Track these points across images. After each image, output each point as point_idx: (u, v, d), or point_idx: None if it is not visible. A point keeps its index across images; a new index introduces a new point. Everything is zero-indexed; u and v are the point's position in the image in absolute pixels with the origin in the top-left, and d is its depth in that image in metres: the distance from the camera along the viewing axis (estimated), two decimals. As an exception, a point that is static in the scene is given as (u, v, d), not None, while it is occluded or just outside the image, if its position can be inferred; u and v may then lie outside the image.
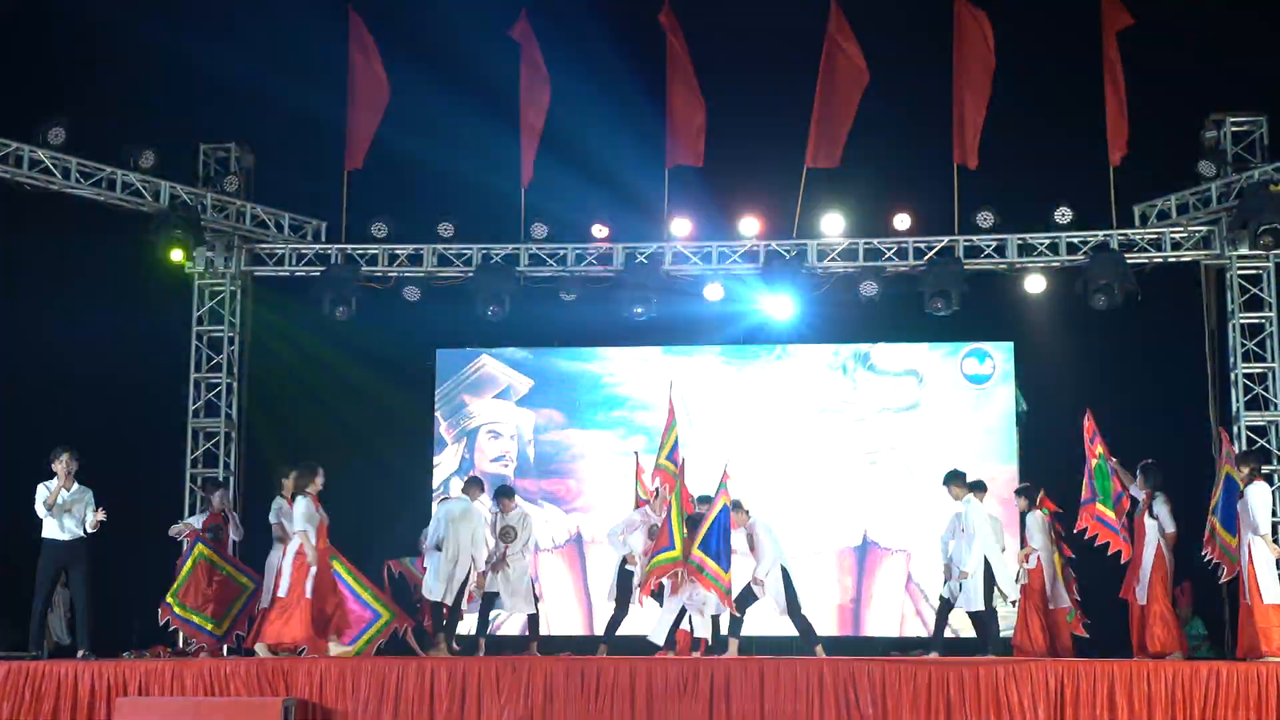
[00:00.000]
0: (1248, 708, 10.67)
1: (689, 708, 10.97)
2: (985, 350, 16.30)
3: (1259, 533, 11.59)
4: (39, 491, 12.05)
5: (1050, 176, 15.56)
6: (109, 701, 11.23)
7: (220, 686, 11.29)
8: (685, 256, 15.84)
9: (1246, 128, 15.08)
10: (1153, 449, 12.73)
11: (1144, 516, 12.25)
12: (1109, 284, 14.91)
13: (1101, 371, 15.65)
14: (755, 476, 15.05)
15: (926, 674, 10.95)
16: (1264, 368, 14.85)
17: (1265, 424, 14.72)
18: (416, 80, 16.51)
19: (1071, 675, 10.88)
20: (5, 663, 11.52)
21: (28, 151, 14.75)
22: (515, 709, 11.08)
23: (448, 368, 16.87)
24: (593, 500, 16.34)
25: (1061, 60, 15.48)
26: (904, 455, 16.15)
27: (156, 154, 15.32)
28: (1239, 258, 14.98)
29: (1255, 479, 11.77)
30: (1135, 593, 12.38)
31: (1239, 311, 14.97)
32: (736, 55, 16.09)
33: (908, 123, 15.78)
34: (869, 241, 15.63)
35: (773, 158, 15.77)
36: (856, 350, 16.48)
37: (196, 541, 13.14)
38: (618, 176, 16.18)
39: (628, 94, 16.07)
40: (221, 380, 15.88)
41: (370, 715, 11.19)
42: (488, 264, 15.81)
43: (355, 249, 16.01)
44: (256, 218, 16.08)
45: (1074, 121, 15.39)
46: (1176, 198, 15.31)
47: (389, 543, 13.61)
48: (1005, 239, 15.48)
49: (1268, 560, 11.60)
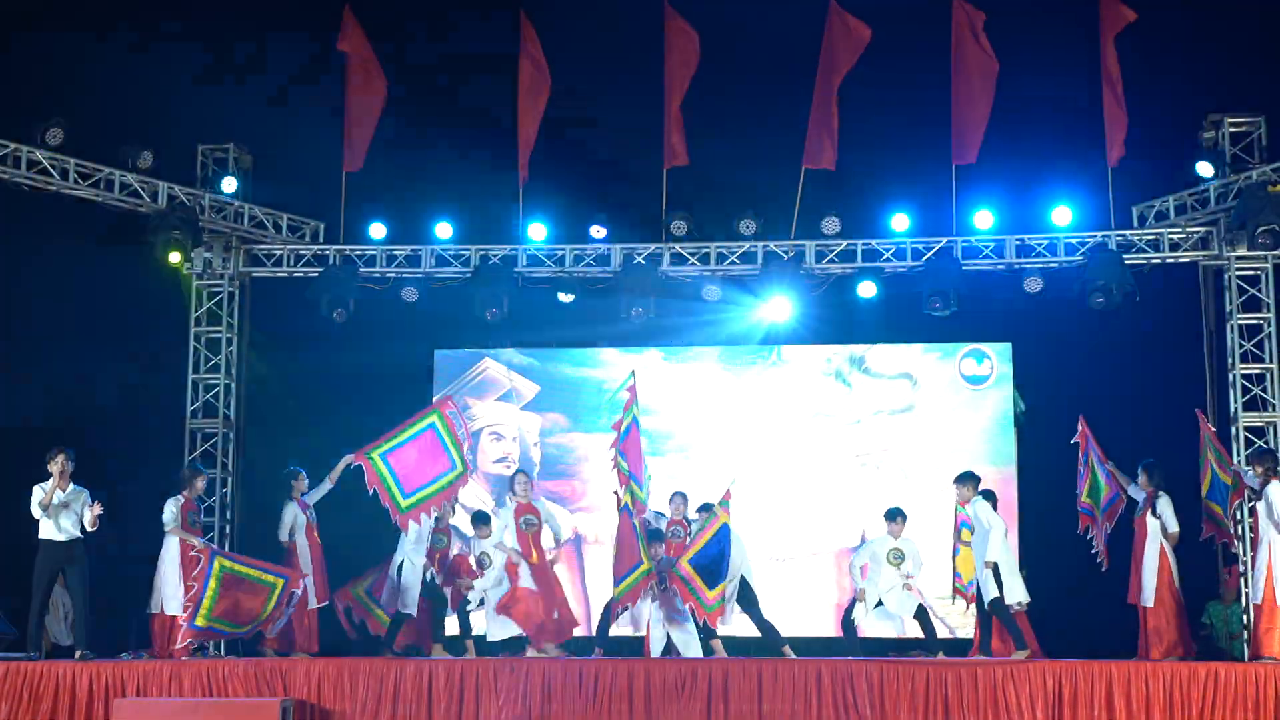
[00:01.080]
0: (1246, 709, 10.69)
1: (687, 708, 10.97)
2: (983, 351, 16.29)
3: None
4: (34, 493, 12.03)
5: (1048, 177, 15.54)
6: (107, 702, 11.25)
7: (218, 687, 11.31)
8: (683, 258, 15.81)
9: (1245, 129, 15.03)
10: (1151, 449, 12.71)
11: (1145, 516, 12.21)
12: (1107, 284, 14.88)
13: (1099, 372, 15.64)
14: (753, 476, 15.03)
15: (924, 675, 10.95)
16: (1262, 368, 14.81)
17: (1264, 424, 14.68)
18: (414, 81, 16.53)
19: (1070, 676, 10.89)
20: (3, 663, 11.52)
21: (25, 152, 14.69)
22: (513, 709, 11.09)
23: (448, 369, 16.85)
24: (596, 501, 16.31)
25: (1060, 61, 15.46)
26: (902, 456, 16.14)
27: (154, 155, 15.29)
28: (1237, 258, 14.94)
29: (1272, 478, 11.81)
30: (1139, 595, 12.26)
31: (1237, 312, 14.93)
32: (733, 57, 16.07)
33: (905, 123, 15.77)
34: (867, 242, 15.60)
35: (770, 159, 15.76)
36: (853, 351, 16.46)
37: (214, 556, 12.61)
38: (616, 177, 16.20)
39: (626, 94, 16.09)
40: (219, 381, 15.84)
41: (368, 716, 11.21)
42: (486, 265, 15.77)
43: (353, 250, 15.98)
44: (254, 218, 16.04)
45: (1072, 122, 15.37)
46: (1175, 198, 15.26)
47: (388, 545, 13.54)
48: (1003, 239, 15.44)
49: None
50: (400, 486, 12.92)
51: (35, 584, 12.08)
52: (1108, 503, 12.32)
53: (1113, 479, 12.39)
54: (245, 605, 12.48)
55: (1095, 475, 12.48)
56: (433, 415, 13.16)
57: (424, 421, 13.12)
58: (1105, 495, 12.34)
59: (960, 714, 10.84)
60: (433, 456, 13.00)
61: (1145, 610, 12.15)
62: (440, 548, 13.47)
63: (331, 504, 13.72)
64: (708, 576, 12.37)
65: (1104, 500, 12.35)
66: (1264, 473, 11.88)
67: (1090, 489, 12.50)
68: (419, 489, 12.94)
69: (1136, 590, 12.32)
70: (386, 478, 12.86)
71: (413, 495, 12.94)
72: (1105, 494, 12.35)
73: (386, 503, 12.88)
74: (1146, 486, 12.31)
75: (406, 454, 12.97)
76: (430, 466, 12.99)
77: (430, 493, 12.97)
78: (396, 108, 16.23)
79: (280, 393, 16.27)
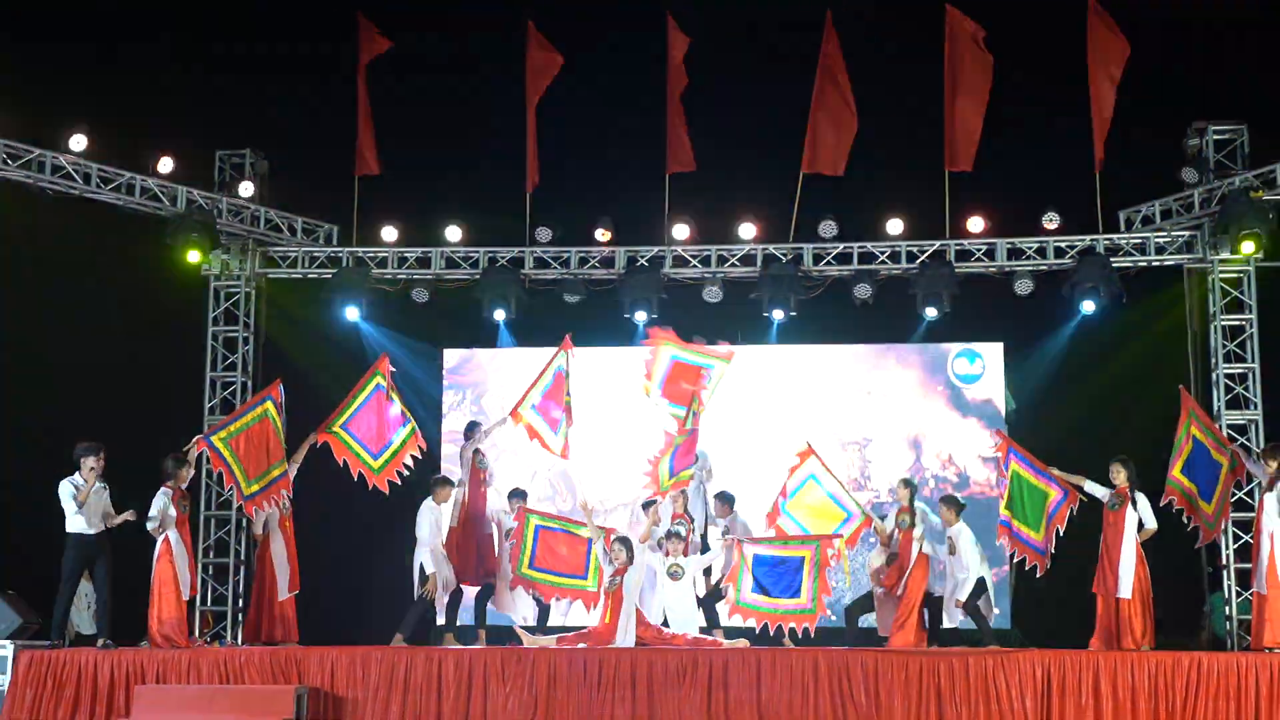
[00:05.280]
0: (1228, 697, 10.74)
1: (688, 696, 10.99)
2: (975, 351, 16.32)
3: None
4: (65, 488, 11.97)
5: (1039, 183, 15.60)
6: (128, 689, 11.27)
7: (235, 675, 11.33)
8: (685, 260, 15.86)
9: (1228, 136, 15.09)
10: (1136, 447, 12.71)
11: (1123, 511, 12.19)
12: (1095, 287, 14.95)
13: (1087, 371, 15.71)
14: (753, 474, 15.04)
15: (918, 664, 10.99)
16: (1244, 368, 14.86)
17: (1246, 422, 14.74)
18: (425, 89, 16.57)
19: (1058, 665, 10.93)
20: (28, 652, 11.55)
21: (50, 157, 14.78)
22: (520, 697, 11.11)
23: (456, 367, 16.86)
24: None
25: (1049, 70, 15.51)
26: (895, 453, 16.14)
27: (174, 160, 15.35)
28: (1221, 262, 15.00)
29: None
30: (1114, 587, 12.21)
31: (1221, 314, 14.99)
32: (733, 64, 16.11)
33: (900, 130, 15.82)
34: (863, 245, 15.65)
35: (770, 164, 15.81)
36: (850, 351, 16.48)
37: (265, 400, 12.73)
38: (620, 182, 16.24)
39: (631, 101, 16.13)
40: (236, 379, 15.91)
41: (380, 703, 11.22)
42: (494, 267, 15.84)
43: (366, 252, 16.04)
44: (270, 221, 16.11)
45: (1062, 129, 15.42)
46: (1160, 203, 15.33)
47: (399, 540, 13.58)
48: (995, 243, 15.50)
49: None
50: (368, 450, 12.95)
51: (65, 576, 12.04)
52: (1055, 506, 12.26)
53: (1059, 481, 12.33)
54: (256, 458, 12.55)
55: (1023, 485, 12.35)
56: (376, 376, 13.12)
57: (370, 385, 13.08)
58: (1052, 500, 12.26)
59: (952, 702, 10.87)
60: (386, 415, 13.02)
61: (1119, 601, 12.09)
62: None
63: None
64: (758, 574, 12.25)
65: (1050, 505, 12.28)
66: (1277, 468, 11.91)
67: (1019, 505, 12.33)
68: (385, 449, 12.97)
69: (1110, 582, 12.18)
70: (353, 445, 12.90)
71: (381, 455, 12.97)
72: (1053, 498, 12.26)
73: (359, 469, 12.91)
74: (1121, 483, 12.25)
75: (363, 419, 12.99)
76: (387, 425, 13.01)
77: (395, 449, 12.99)
78: (408, 114, 16.29)
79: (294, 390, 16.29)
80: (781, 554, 12.25)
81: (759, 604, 12.19)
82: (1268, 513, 11.83)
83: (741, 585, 12.25)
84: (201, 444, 12.57)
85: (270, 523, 12.94)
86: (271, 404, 12.78)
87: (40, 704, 11.31)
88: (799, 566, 12.15)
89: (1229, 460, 12.31)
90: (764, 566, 12.23)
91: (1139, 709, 10.77)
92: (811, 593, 12.10)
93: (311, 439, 12.95)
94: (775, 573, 12.18)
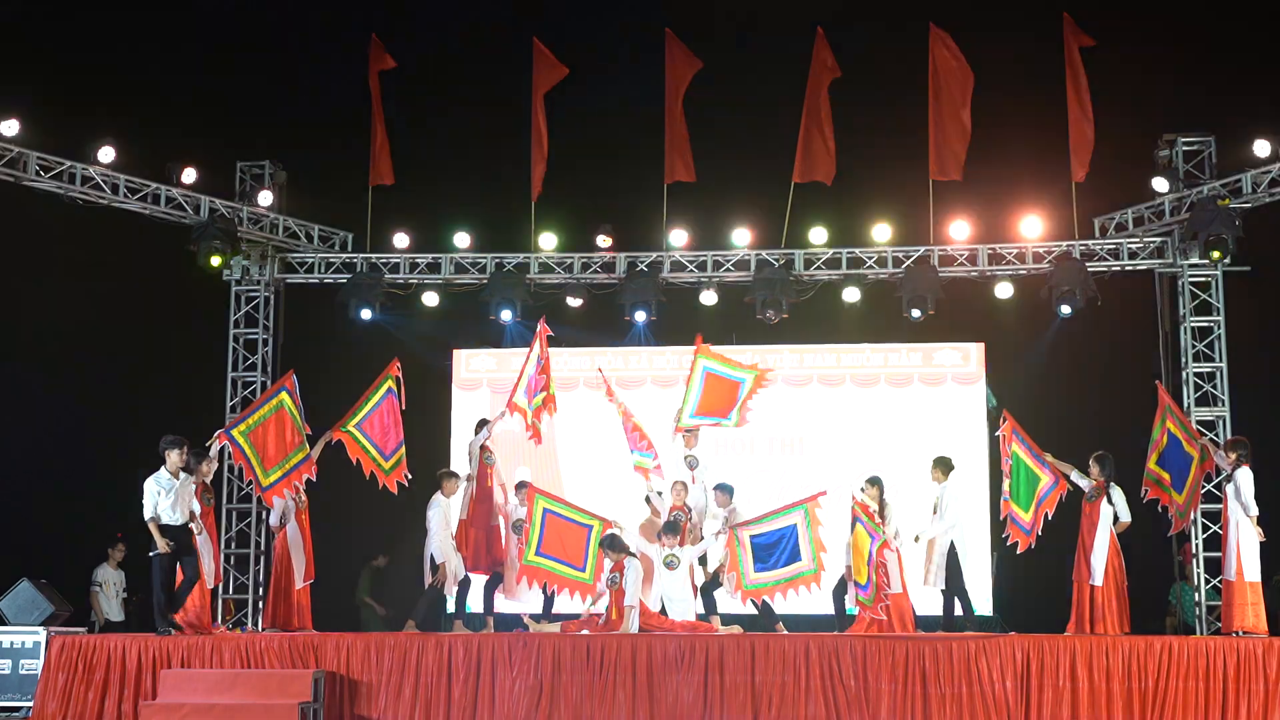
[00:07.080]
0: (1197, 678, 10.85)
1: (686, 679, 11.07)
2: (958, 351, 16.35)
3: (1249, 514, 11.80)
4: (150, 485, 11.72)
5: (1018, 191, 15.69)
6: (154, 673, 11.35)
7: (255, 659, 11.40)
8: (683, 265, 15.95)
9: (1196, 147, 15.19)
10: (1110, 441, 12.79)
11: (1099, 504, 12.27)
12: (1072, 290, 15.05)
13: (1064, 370, 15.80)
14: (750, 473, 15.08)
15: (904, 648, 11.07)
16: (1213, 367, 14.96)
17: (1214, 418, 14.84)
18: (435, 102, 16.65)
19: (1037, 649, 11.02)
20: (60, 637, 11.63)
21: (80, 169, 14.88)
22: (526, 680, 11.19)
23: (465, 368, 16.89)
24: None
25: (1028, 85, 15.61)
26: (885, 448, 16.15)
27: (197, 170, 15.43)
28: (1190, 266, 15.10)
29: (1242, 464, 11.96)
30: (1088, 575, 12.29)
31: (1190, 316, 15.09)
32: (729, 76, 16.18)
33: (887, 140, 15.91)
34: (851, 251, 15.75)
35: (763, 174, 15.89)
36: (839, 351, 16.51)
37: (280, 390, 12.73)
38: (620, 192, 16.31)
39: (632, 114, 16.19)
40: (256, 379, 15.98)
41: (393, 686, 11.29)
42: (500, 272, 15.92)
43: (379, 258, 16.13)
44: (289, 229, 16.19)
45: (1040, 141, 15.51)
46: (1133, 211, 15.44)
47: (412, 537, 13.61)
48: (977, 249, 15.60)
49: (1252, 541, 11.82)
50: (380, 451, 12.94)
51: (157, 564, 11.75)
52: (1046, 491, 12.33)
53: (1051, 468, 12.41)
54: (277, 447, 12.55)
55: (1022, 468, 12.43)
56: (389, 380, 13.11)
57: (383, 388, 13.06)
58: (1044, 484, 12.34)
59: (937, 684, 10.95)
60: (397, 418, 13.03)
61: (1094, 589, 12.16)
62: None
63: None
64: (759, 554, 12.35)
65: (1042, 489, 12.35)
66: (1236, 459, 11.99)
67: (1016, 478, 12.42)
68: (395, 450, 12.98)
69: (1084, 570, 12.24)
70: (367, 446, 12.89)
71: (392, 457, 12.98)
72: (1044, 483, 12.34)
73: (371, 469, 12.91)
74: (1098, 477, 12.34)
75: (376, 420, 12.96)
76: (398, 428, 13.02)
77: (402, 455, 13.01)
78: (420, 126, 16.36)
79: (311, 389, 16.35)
80: (776, 528, 12.39)
81: (765, 580, 12.33)
82: (1231, 502, 11.91)
83: (745, 569, 12.34)
84: (223, 437, 12.61)
85: (287, 515, 12.98)
86: (286, 394, 12.80)
87: (71, 687, 11.39)
88: (794, 534, 12.31)
89: (1199, 453, 12.39)
90: (763, 546, 12.34)
91: (1113, 690, 10.89)
92: (811, 553, 12.30)
93: (327, 436, 12.99)
94: (776, 549, 12.31)
